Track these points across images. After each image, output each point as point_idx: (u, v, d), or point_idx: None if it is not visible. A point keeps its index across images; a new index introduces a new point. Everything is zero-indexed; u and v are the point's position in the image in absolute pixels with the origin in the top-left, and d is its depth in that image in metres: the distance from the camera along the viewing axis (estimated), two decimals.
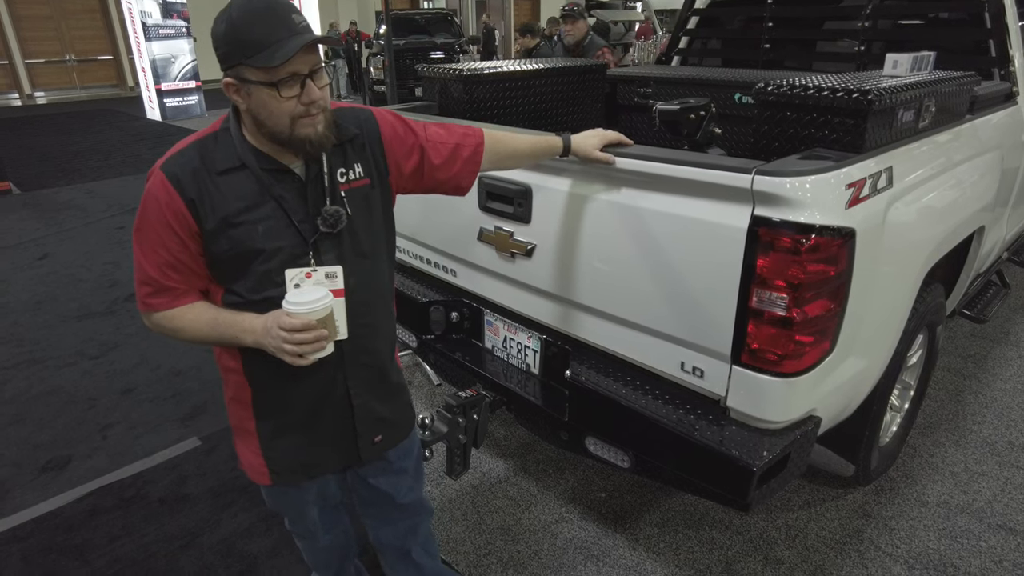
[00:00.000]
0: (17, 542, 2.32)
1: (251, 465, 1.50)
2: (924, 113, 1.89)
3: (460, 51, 12.98)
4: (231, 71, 1.19)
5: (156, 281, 1.29)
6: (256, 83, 1.17)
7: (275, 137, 1.23)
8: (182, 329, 1.32)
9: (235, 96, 1.22)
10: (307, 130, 1.22)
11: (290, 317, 1.20)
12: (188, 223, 1.24)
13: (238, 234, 1.26)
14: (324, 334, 1.23)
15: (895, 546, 2.24)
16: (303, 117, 1.21)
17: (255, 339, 1.26)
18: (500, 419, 2.89)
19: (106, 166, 8.49)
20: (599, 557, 2.22)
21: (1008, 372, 3.27)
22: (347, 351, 1.39)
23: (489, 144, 1.58)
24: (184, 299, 1.31)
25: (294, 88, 1.18)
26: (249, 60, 1.15)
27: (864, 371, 1.86)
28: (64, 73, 15.99)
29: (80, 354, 3.66)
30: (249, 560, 2.21)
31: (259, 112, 1.20)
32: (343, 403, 1.44)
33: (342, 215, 1.32)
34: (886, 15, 3.32)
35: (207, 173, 1.24)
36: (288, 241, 1.29)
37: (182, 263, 1.28)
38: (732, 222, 1.52)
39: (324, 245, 1.32)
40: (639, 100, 3.26)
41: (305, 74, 1.19)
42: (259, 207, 1.26)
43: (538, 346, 2.13)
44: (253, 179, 1.26)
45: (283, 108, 1.19)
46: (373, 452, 1.54)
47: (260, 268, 1.28)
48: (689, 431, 1.67)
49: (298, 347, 1.21)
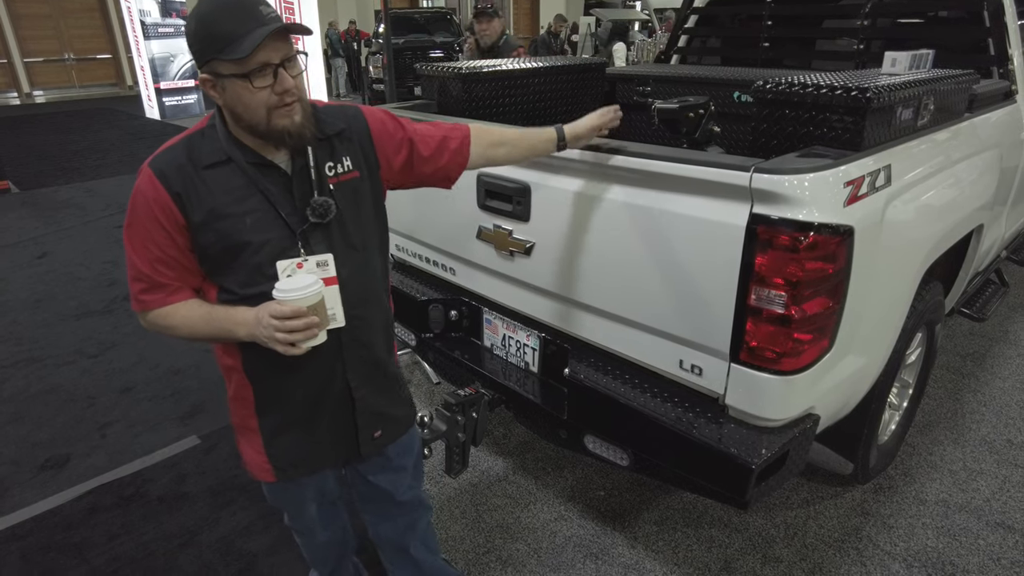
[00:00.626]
0: (16, 540, 2.32)
1: (254, 463, 1.50)
2: (923, 111, 1.90)
3: (459, 50, 12.98)
4: (206, 67, 1.21)
5: (148, 277, 1.29)
6: (229, 76, 1.18)
7: (253, 130, 1.24)
8: (176, 326, 1.33)
9: (212, 92, 1.23)
10: (284, 121, 1.23)
11: (280, 305, 1.20)
12: (175, 217, 1.25)
13: (225, 227, 1.26)
14: (315, 321, 1.23)
15: (894, 544, 2.24)
16: (278, 107, 1.21)
17: (248, 331, 1.26)
18: (499, 417, 2.89)
19: (105, 165, 8.49)
20: (598, 555, 2.22)
21: (1007, 370, 3.28)
22: (344, 343, 1.39)
23: (476, 136, 1.60)
24: (177, 296, 1.32)
25: (266, 78, 1.19)
26: (220, 54, 1.16)
27: (863, 369, 1.86)
28: (63, 72, 15.98)
29: (79, 353, 3.66)
30: (248, 558, 2.21)
31: (235, 106, 1.21)
32: (343, 396, 1.45)
33: (331, 206, 1.32)
34: (885, 13, 3.32)
35: (193, 168, 1.26)
36: (276, 233, 1.29)
37: (172, 258, 1.29)
38: (731, 220, 1.52)
39: (313, 237, 1.32)
40: (638, 99, 3.26)
41: (277, 63, 1.20)
42: (246, 200, 1.27)
43: (537, 344, 2.14)
44: (239, 173, 1.27)
45: (257, 99, 1.19)
46: (373, 447, 1.55)
47: (250, 261, 1.29)
48: (688, 429, 1.67)
49: (289, 335, 1.21)
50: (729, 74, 3.07)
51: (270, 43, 1.17)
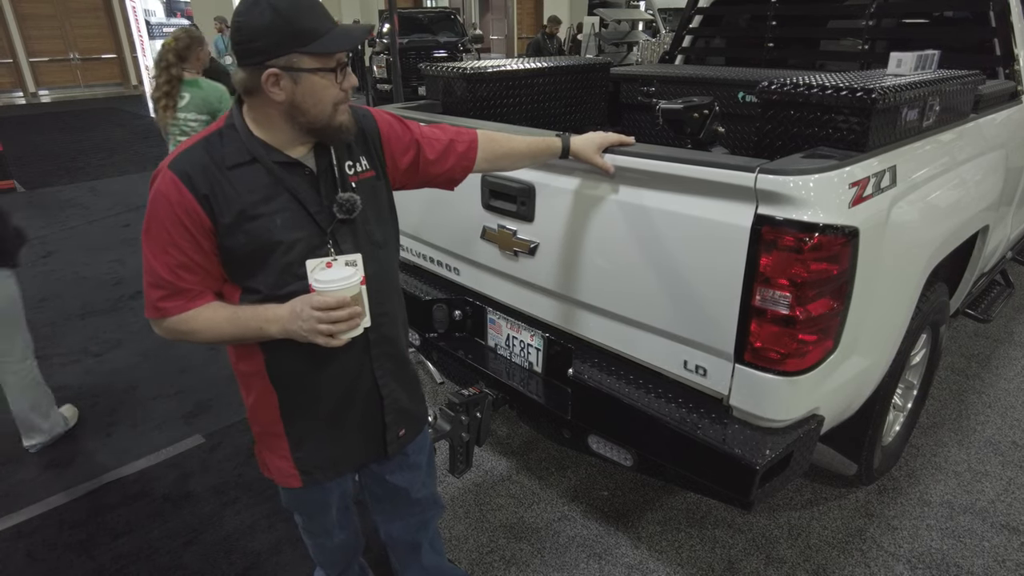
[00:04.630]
0: (22, 538, 2.34)
1: (279, 470, 1.49)
2: (928, 112, 1.89)
3: (463, 50, 12.99)
4: (277, 61, 1.19)
5: (169, 283, 1.26)
6: (310, 71, 1.21)
7: (312, 125, 1.26)
8: (198, 331, 1.29)
9: (274, 88, 1.20)
10: (343, 117, 1.28)
11: (323, 296, 1.21)
12: (201, 220, 1.23)
13: (255, 227, 1.25)
14: (358, 311, 1.24)
15: (898, 545, 2.23)
16: (342, 103, 1.27)
17: (281, 327, 1.25)
18: (503, 417, 2.89)
19: (109, 164, 8.51)
20: (601, 555, 2.22)
21: (1012, 372, 3.27)
22: (372, 339, 1.41)
23: (483, 142, 1.61)
24: (198, 301, 1.29)
25: (340, 75, 1.26)
26: (305, 48, 1.19)
27: (867, 370, 1.86)
28: (68, 71, 16.02)
29: (84, 352, 3.67)
30: (252, 557, 2.22)
31: (305, 100, 1.22)
32: (372, 393, 1.47)
33: (357, 201, 1.33)
34: (890, 14, 3.31)
35: (217, 168, 1.24)
36: (306, 231, 1.29)
37: (195, 263, 1.26)
38: (735, 221, 1.52)
39: (341, 235, 1.34)
40: (642, 99, 3.26)
41: (345, 63, 1.27)
42: (274, 199, 1.27)
43: (541, 344, 2.14)
44: (264, 172, 1.27)
45: (332, 94, 1.25)
46: (398, 445, 1.57)
47: (281, 261, 1.28)
48: (692, 430, 1.67)
49: (333, 326, 1.21)
50: (733, 74, 3.07)
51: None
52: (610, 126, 3.30)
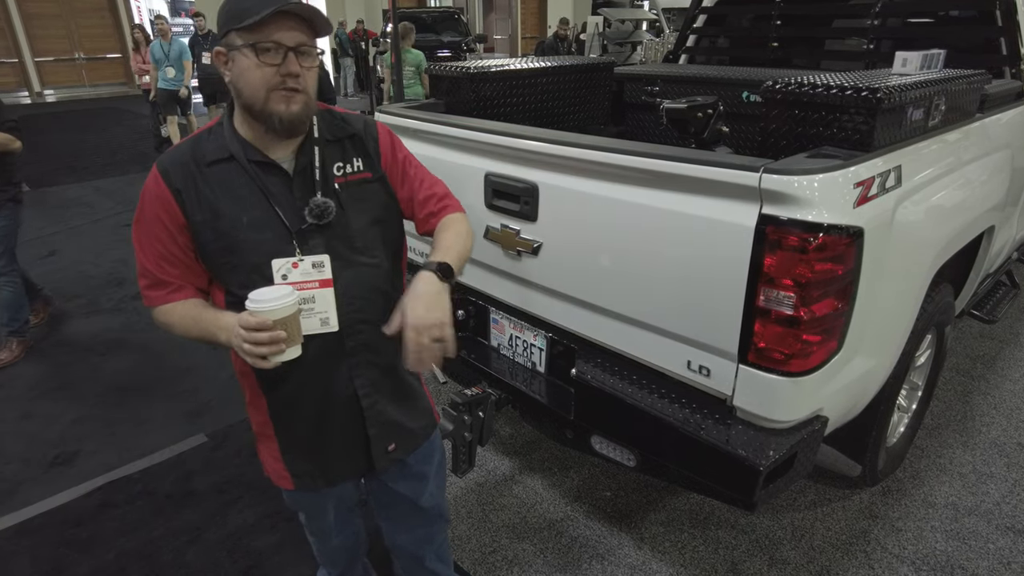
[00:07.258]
0: (26, 536, 2.34)
1: (273, 470, 1.50)
2: (934, 112, 1.88)
3: (467, 49, 12.98)
4: (223, 40, 1.22)
5: (152, 274, 1.31)
6: (240, 47, 1.20)
7: (250, 109, 1.23)
8: (173, 324, 1.32)
9: (222, 67, 1.24)
10: (279, 105, 1.21)
11: (249, 316, 1.15)
12: (175, 214, 1.26)
13: (223, 224, 1.26)
14: (281, 336, 1.16)
15: (902, 547, 2.23)
16: (277, 89, 1.20)
17: (227, 337, 1.22)
18: (506, 417, 2.89)
19: (114, 163, 8.54)
20: (604, 556, 2.22)
21: (1017, 373, 3.25)
22: (348, 348, 1.36)
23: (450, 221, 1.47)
24: (178, 294, 1.31)
25: (275, 57, 1.19)
26: (239, 24, 1.18)
27: (871, 371, 1.85)
28: (73, 71, 16.06)
29: (88, 350, 3.68)
30: (255, 556, 2.22)
31: (238, 80, 1.22)
32: (352, 405, 1.41)
33: (330, 207, 1.30)
34: (895, 13, 3.30)
35: (196, 165, 1.27)
36: (273, 232, 1.28)
37: (174, 256, 1.29)
38: (739, 220, 1.51)
39: (312, 238, 1.30)
40: (646, 98, 3.25)
41: (289, 47, 1.20)
42: (245, 198, 1.27)
43: (544, 344, 2.13)
44: (240, 170, 1.27)
45: (260, 75, 1.19)
46: (387, 461, 1.50)
47: (247, 261, 1.28)
48: (695, 430, 1.67)
49: (256, 347, 1.15)
50: (738, 74, 3.06)
51: (285, 24, 1.19)
52: (613, 126, 3.30)
